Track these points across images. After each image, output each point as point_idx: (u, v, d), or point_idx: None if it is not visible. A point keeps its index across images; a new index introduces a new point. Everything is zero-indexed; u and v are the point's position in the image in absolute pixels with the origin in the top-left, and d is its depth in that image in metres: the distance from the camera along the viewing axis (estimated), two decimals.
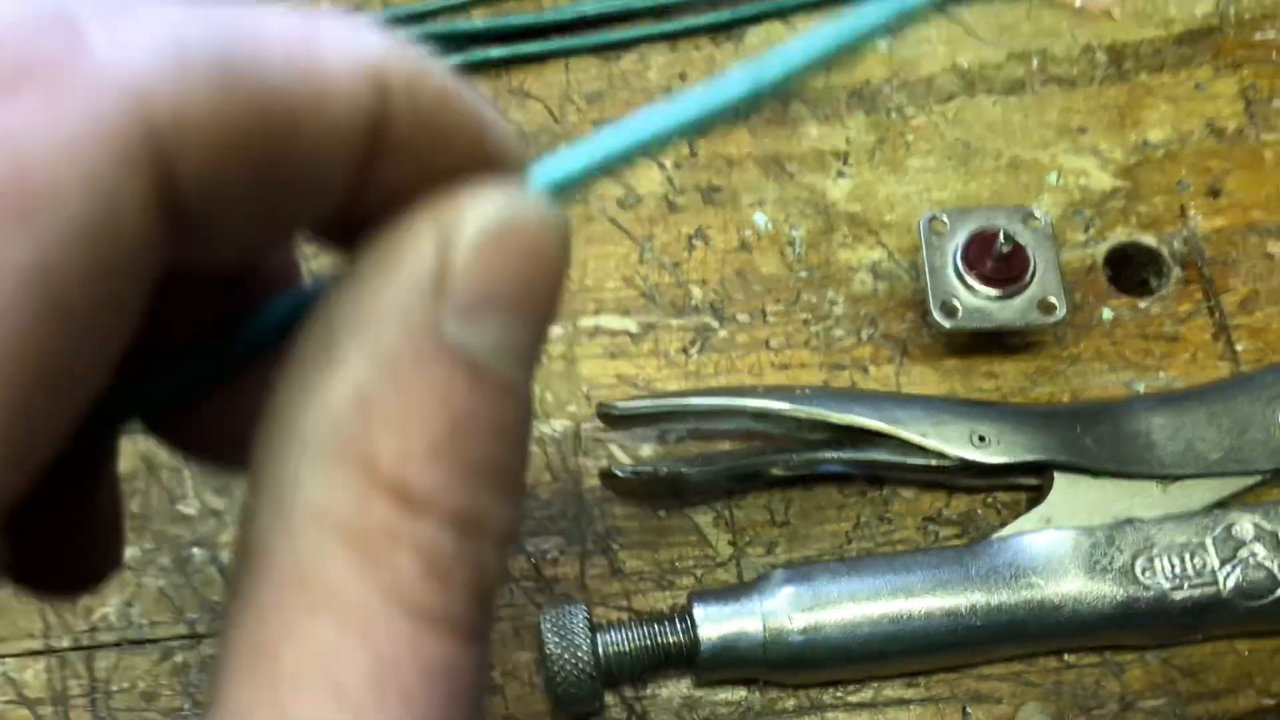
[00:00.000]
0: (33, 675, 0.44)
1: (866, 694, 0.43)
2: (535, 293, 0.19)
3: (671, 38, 0.54)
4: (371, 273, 0.19)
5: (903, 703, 0.43)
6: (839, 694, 0.43)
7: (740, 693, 0.43)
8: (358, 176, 0.19)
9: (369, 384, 0.18)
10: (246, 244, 0.19)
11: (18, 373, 0.15)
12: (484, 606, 0.18)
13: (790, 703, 0.43)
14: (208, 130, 0.16)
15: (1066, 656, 0.43)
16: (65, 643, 0.45)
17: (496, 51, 0.53)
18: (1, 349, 0.15)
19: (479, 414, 0.18)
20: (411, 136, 0.19)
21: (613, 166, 0.22)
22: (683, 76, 0.53)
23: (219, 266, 0.20)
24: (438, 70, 0.19)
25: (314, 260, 0.40)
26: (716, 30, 0.54)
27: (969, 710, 0.43)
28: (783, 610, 0.40)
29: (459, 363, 0.18)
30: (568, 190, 0.21)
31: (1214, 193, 0.51)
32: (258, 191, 0.18)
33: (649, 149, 0.21)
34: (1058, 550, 0.41)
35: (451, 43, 0.54)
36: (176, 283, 0.18)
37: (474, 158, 0.20)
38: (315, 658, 0.17)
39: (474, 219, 0.19)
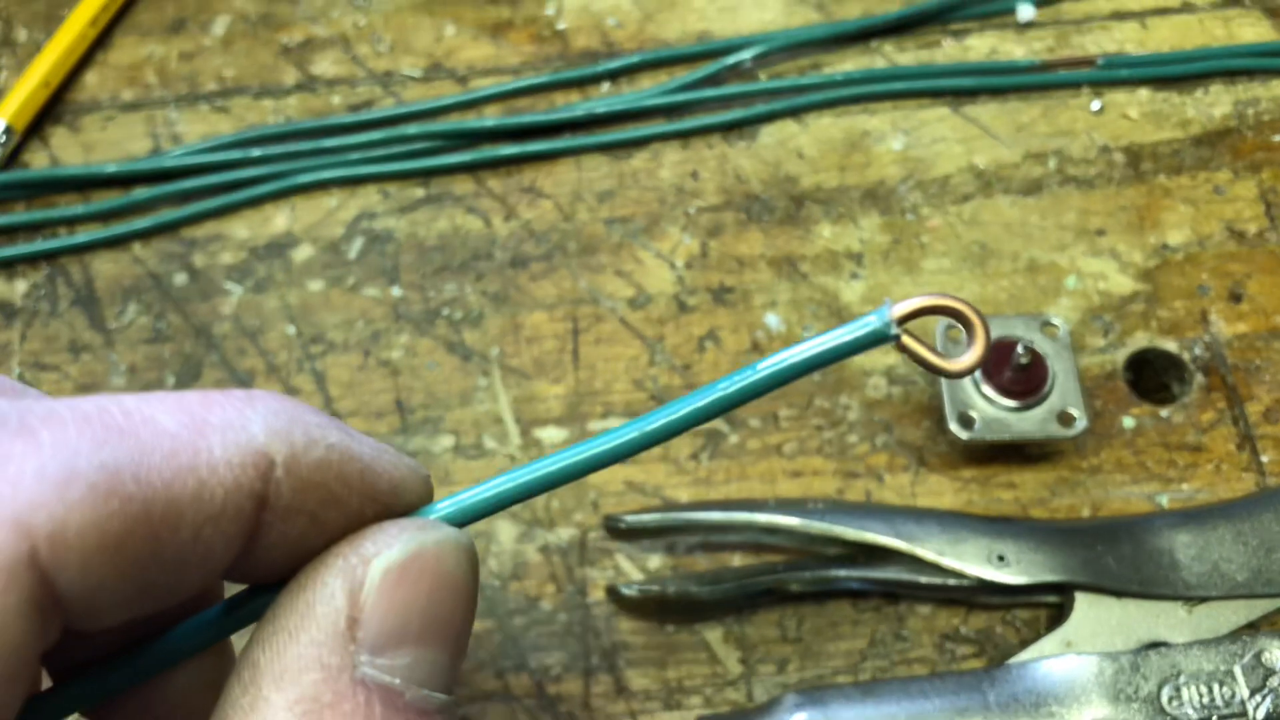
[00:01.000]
0: None
1: None
2: (444, 618, 0.20)
3: (684, 136, 0.53)
4: (287, 619, 0.20)
5: None
6: None
7: None
8: (246, 544, 0.20)
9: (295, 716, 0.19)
10: (133, 614, 0.20)
11: None
12: None
13: None
14: (86, 539, 0.18)
15: None
16: None
17: (508, 149, 0.53)
18: None
19: None
20: (296, 503, 0.20)
21: (509, 503, 0.24)
22: (694, 175, 0.53)
23: (110, 629, 0.21)
24: (322, 439, 0.21)
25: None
26: (729, 128, 0.53)
27: None
28: None
29: (375, 694, 0.19)
30: (468, 522, 0.23)
31: (1236, 297, 0.50)
32: (140, 578, 0.19)
33: (544, 489, 0.24)
34: (1080, 677, 0.39)
35: (463, 140, 0.53)
36: (67, 640, 0.20)
37: (371, 503, 0.21)
38: None
39: (378, 561, 0.20)
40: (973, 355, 0.26)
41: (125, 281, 0.51)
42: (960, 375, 0.26)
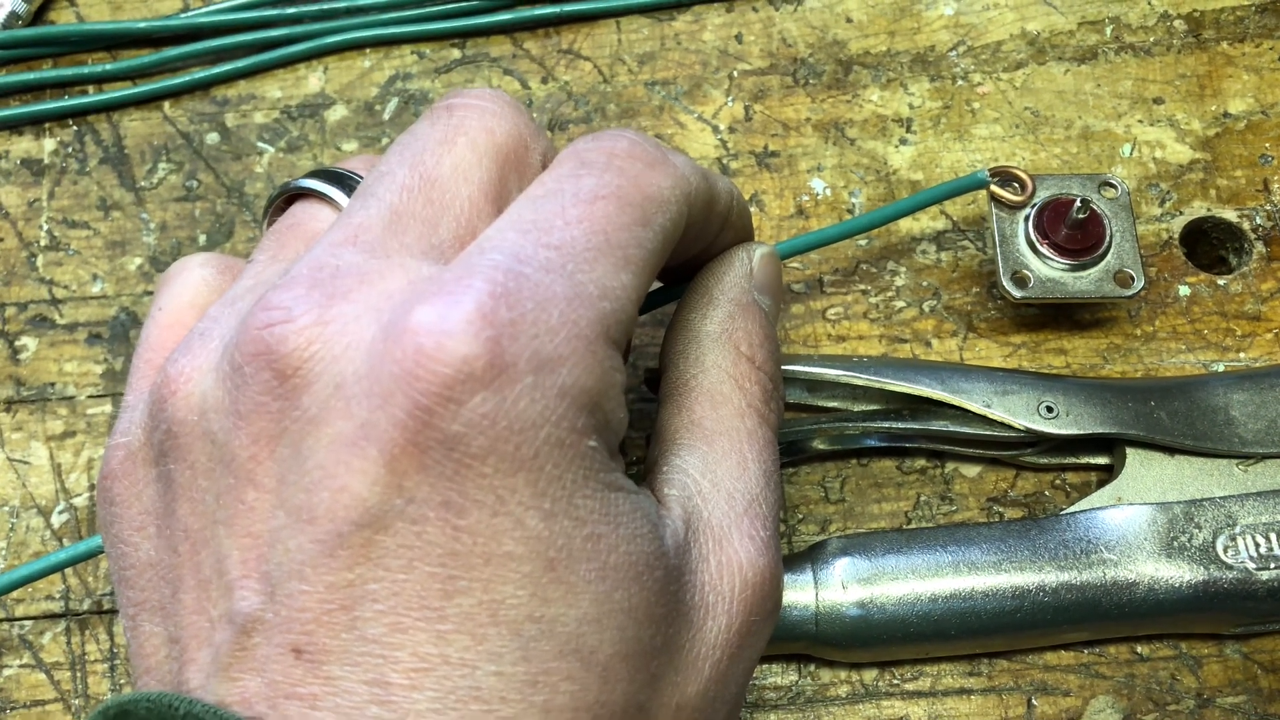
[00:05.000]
0: (50, 639, 0.43)
1: (924, 682, 0.41)
2: (778, 285, 0.37)
3: None
4: (720, 268, 0.36)
5: (963, 692, 0.41)
6: (895, 681, 0.41)
7: (790, 676, 0.41)
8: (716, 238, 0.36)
9: (731, 312, 0.35)
10: (681, 253, 0.35)
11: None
12: (779, 422, 0.34)
13: (843, 689, 0.41)
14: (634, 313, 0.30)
15: (1139, 648, 0.41)
16: (85, 606, 0.43)
17: (546, 9, 0.51)
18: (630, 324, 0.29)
19: (766, 331, 0.35)
20: (736, 226, 0.36)
21: (803, 251, 0.41)
22: (738, 38, 0.51)
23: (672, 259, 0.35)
24: (742, 201, 0.37)
25: None
26: None
27: (1034, 702, 0.40)
28: (837, 581, 0.38)
29: (759, 309, 0.35)
30: (783, 255, 0.39)
31: None
32: (688, 239, 0.34)
33: (827, 243, 0.42)
34: (1132, 526, 0.38)
35: (500, 0, 0.52)
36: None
37: (746, 234, 0.37)
38: (716, 419, 0.33)
39: (759, 249, 0.36)
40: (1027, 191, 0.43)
41: (155, 140, 0.50)
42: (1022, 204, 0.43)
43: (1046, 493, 0.43)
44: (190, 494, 0.28)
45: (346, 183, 0.34)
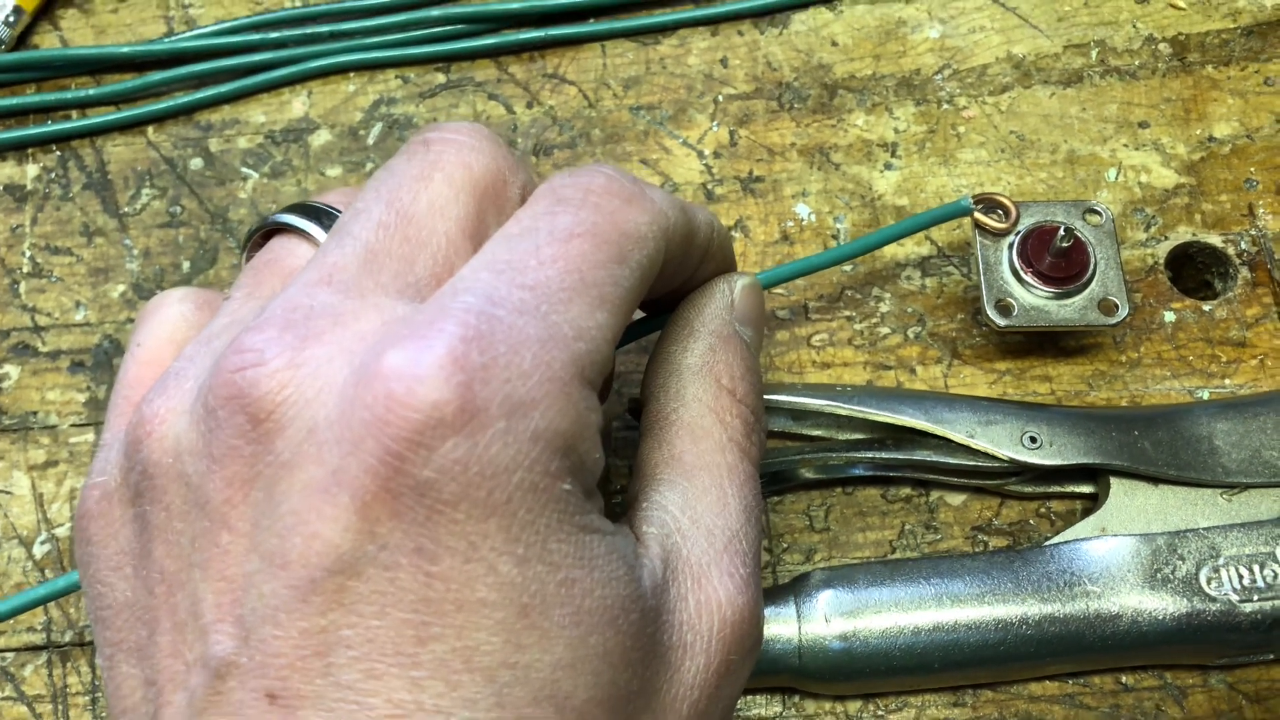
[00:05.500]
0: (32, 671, 0.42)
1: (909, 713, 0.41)
2: (760, 315, 0.37)
3: (713, 22, 0.52)
4: (701, 300, 0.36)
5: None
6: (879, 712, 0.41)
7: (775, 707, 0.41)
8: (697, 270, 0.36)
9: (712, 344, 0.35)
10: (660, 287, 0.35)
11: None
12: (761, 455, 0.34)
13: None
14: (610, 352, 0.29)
15: (1124, 678, 0.41)
16: (67, 638, 0.43)
17: (531, 34, 0.51)
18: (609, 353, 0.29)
19: (748, 363, 0.35)
20: (717, 257, 0.36)
21: (785, 280, 0.41)
22: (724, 62, 0.51)
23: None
24: (724, 232, 0.37)
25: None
26: (760, 15, 0.52)
27: None
28: (820, 614, 0.37)
29: (740, 341, 0.35)
30: (766, 285, 0.40)
31: None
32: (667, 273, 0.33)
33: (808, 273, 0.42)
34: (1116, 558, 0.38)
35: (485, 24, 0.52)
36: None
37: (728, 264, 0.37)
38: (696, 454, 0.33)
39: (740, 280, 0.36)
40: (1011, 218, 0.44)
41: (139, 165, 0.50)
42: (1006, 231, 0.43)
43: (1031, 521, 0.43)
44: (166, 536, 0.28)
45: (324, 217, 0.34)
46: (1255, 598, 0.37)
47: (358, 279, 0.29)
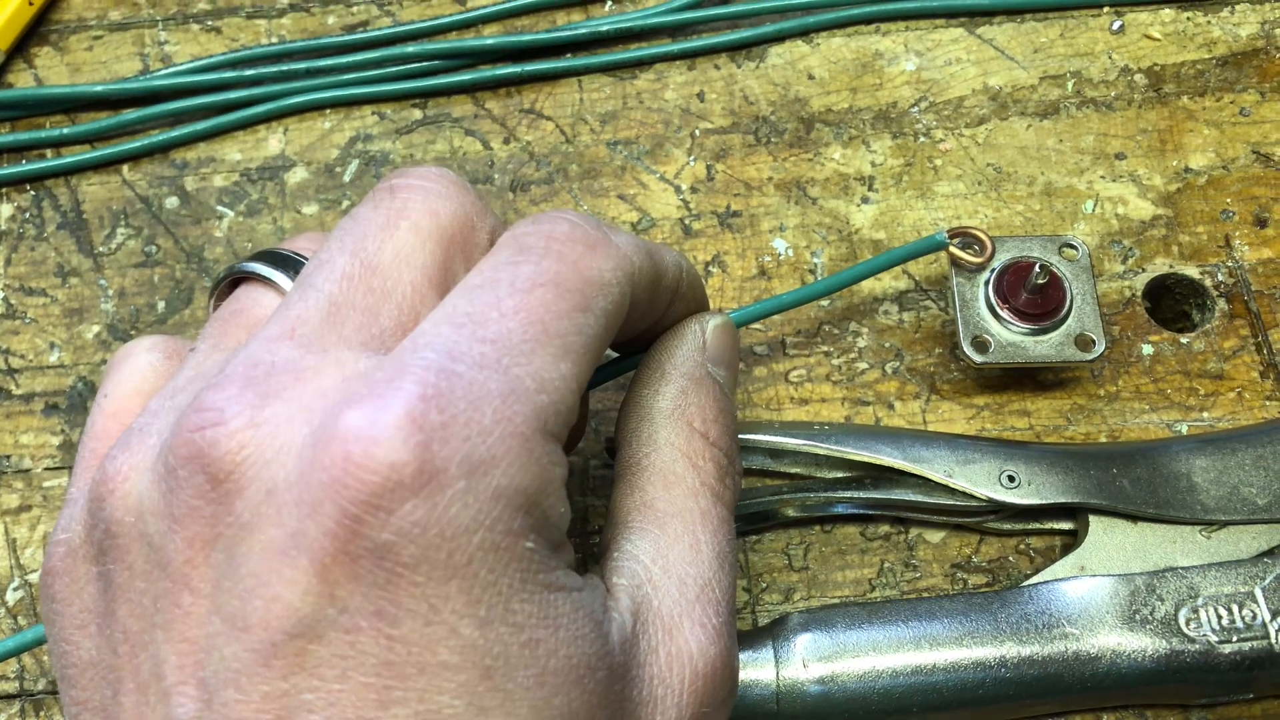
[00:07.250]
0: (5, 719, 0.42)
1: None
2: (733, 355, 0.37)
3: (689, 56, 0.52)
4: (672, 342, 0.36)
5: None
6: None
7: None
8: (667, 311, 0.36)
9: (684, 387, 0.35)
10: (629, 330, 0.34)
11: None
12: (735, 498, 0.34)
13: None
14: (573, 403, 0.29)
15: (1105, 717, 0.40)
16: (40, 686, 0.42)
17: (507, 69, 0.51)
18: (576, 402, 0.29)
19: (721, 405, 0.35)
20: (687, 297, 0.36)
21: (761, 317, 0.41)
22: (700, 96, 0.51)
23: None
24: (693, 271, 0.36)
25: None
26: (736, 49, 0.52)
27: None
28: (798, 659, 0.37)
29: (713, 382, 0.35)
30: (741, 322, 0.39)
31: (1261, 222, 0.48)
32: (635, 317, 0.33)
33: (783, 310, 0.41)
34: (1094, 599, 0.38)
35: (461, 60, 0.52)
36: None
37: (699, 304, 0.37)
38: (668, 500, 0.32)
39: (713, 319, 0.36)
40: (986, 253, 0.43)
41: (114, 204, 0.50)
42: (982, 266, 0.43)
43: (1010, 558, 0.43)
44: (129, 595, 0.28)
45: (291, 265, 0.34)
46: (1234, 638, 0.37)
47: (320, 332, 0.29)
